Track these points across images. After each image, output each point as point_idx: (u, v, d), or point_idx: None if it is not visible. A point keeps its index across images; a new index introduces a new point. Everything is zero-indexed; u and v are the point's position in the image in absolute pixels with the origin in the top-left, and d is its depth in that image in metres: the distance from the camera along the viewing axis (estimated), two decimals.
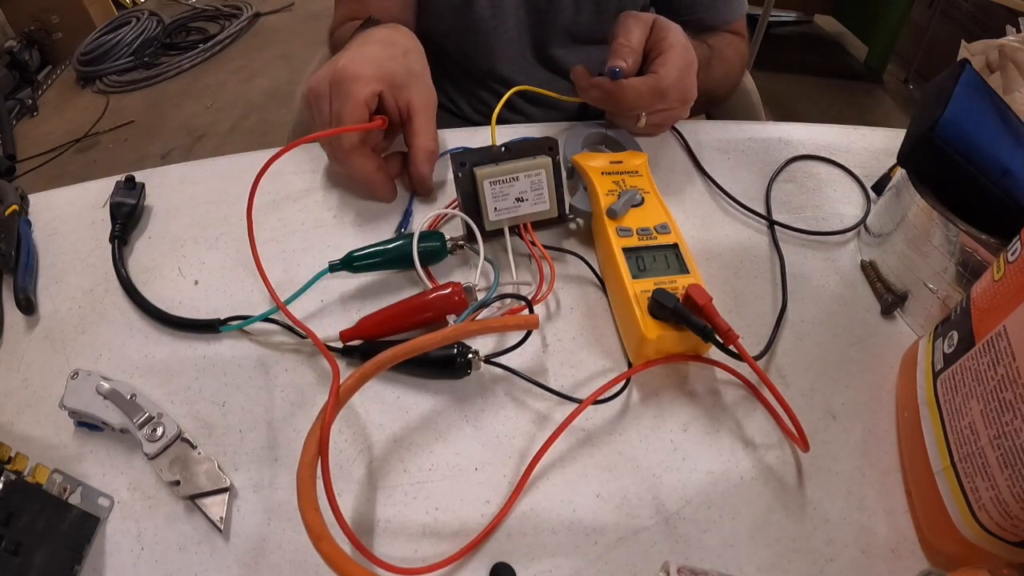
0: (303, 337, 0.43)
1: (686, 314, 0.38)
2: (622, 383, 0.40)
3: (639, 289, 0.41)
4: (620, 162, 0.50)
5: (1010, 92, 0.55)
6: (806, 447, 0.37)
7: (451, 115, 0.77)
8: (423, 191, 0.53)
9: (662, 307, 0.39)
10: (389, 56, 0.50)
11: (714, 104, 0.78)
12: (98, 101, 2.34)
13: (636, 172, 0.49)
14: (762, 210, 0.53)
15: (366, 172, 0.50)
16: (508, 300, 0.44)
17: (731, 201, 0.53)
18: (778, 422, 0.39)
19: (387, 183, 0.51)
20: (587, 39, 0.71)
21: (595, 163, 0.50)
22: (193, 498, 0.36)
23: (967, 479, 0.31)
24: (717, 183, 0.55)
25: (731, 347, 0.38)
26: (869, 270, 0.48)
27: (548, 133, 0.48)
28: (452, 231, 0.50)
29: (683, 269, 0.43)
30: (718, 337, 0.38)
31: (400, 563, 0.33)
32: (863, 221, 0.52)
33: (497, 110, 0.53)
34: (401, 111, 0.50)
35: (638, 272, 0.42)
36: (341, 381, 0.35)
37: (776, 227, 0.51)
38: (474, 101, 0.76)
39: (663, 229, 0.45)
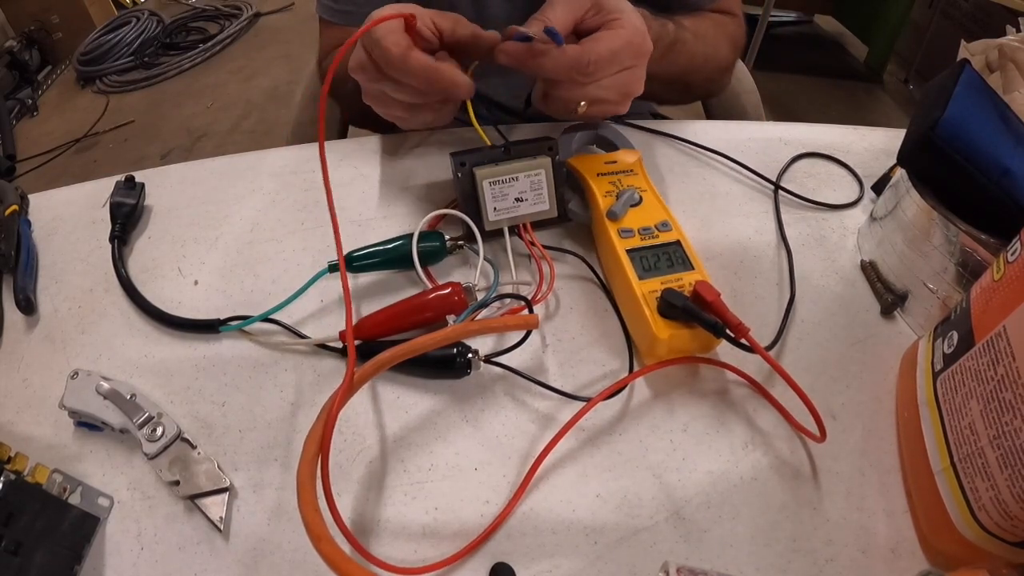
0: (303, 337, 0.43)
1: (696, 312, 0.38)
2: (629, 382, 0.40)
3: (647, 290, 0.41)
4: (614, 162, 0.50)
5: (1010, 92, 0.55)
6: (823, 436, 0.37)
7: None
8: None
9: (672, 306, 0.39)
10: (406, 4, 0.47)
11: (696, 91, 0.71)
12: (98, 101, 2.34)
13: (631, 171, 0.49)
14: (768, 210, 0.53)
15: (426, 66, 0.43)
16: (508, 300, 0.44)
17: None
18: (785, 417, 0.40)
19: (455, 71, 0.44)
20: None
21: (590, 165, 0.49)
22: (193, 498, 0.36)
23: (967, 479, 0.31)
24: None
25: (742, 340, 0.38)
26: (869, 270, 0.48)
27: (541, 134, 0.48)
28: (452, 231, 0.50)
29: (688, 265, 0.43)
30: (729, 332, 0.38)
31: (400, 563, 0.33)
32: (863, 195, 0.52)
33: (472, 111, 0.51)
34: (433, 33, 0.46)
35: (644, 272, 0.42)
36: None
37: (782, 219, 0.51)
38: (465, 116, 0.75)
39: (664, 227, 0.45)
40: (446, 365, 0.40)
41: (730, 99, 0.81)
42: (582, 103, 0.46)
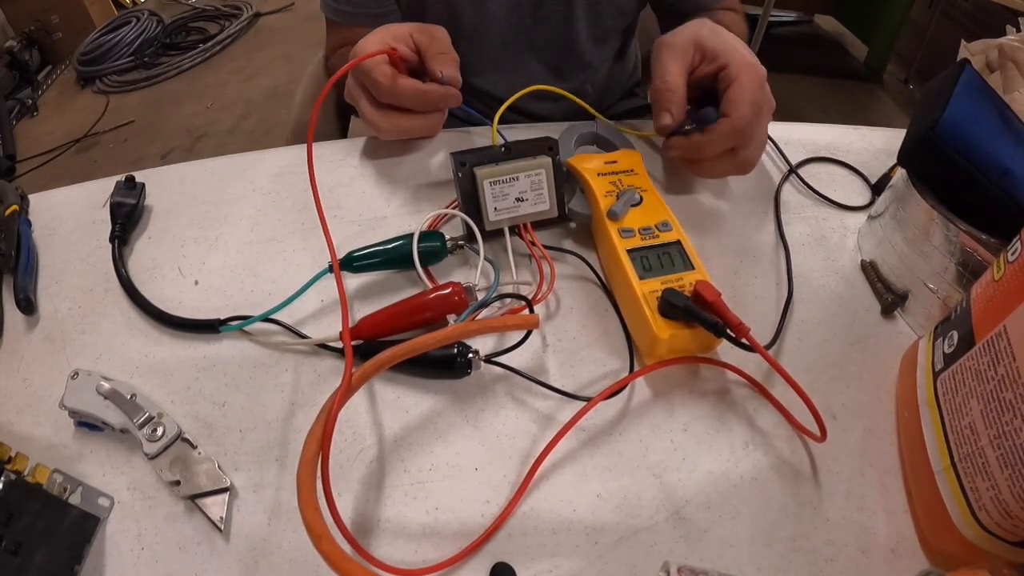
0: (303, 337, 0.43)
1: (697, 311, 0.38)
2: (630, 382, 0.40)
3: (647, 290, 0.41)
4: (615, 162, 0.50)
5: (1010, 92, 0.55)
6: (823, 436, 0.37)
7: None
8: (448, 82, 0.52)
9: (672, 306, 0.39)
10: (388, 29, 0.52)
11: None
12: (98, 101, 2.34)
13: (632, 171, 0.49)
14: (768, 211, 0.53)
15: (414, 88, 0.50)
16: (508, 300, 0.44)
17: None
18: (786, 416, 0.39)
19: (438, 89, 0.51)
20: (581, 46, 0.71)
21: (590, 165, 0.49)
22: (193, 498, 0.36)
23: (967, 479, 0.31)
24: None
25: (743, 340, 0.38)
26: (869, 270, 0.48)
27: (541, 134, 0.48)
28: (452, 231, 0.50)
29: (688, 265, 0.43)
30: (730, 332, 0.38)
31: (400, 563, 0.33)
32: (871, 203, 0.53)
33: (502, 109, 0.52)
34: (413, 50, 0.52)
35: (644, 272, 0.42)
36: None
37: (781, 219, 0.51)
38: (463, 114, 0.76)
39: (664, 227, 0.45)
40: (446, 365, 0.40)
41: None
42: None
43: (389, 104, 0.52)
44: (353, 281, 0.47)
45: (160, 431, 0.37)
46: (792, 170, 0.56)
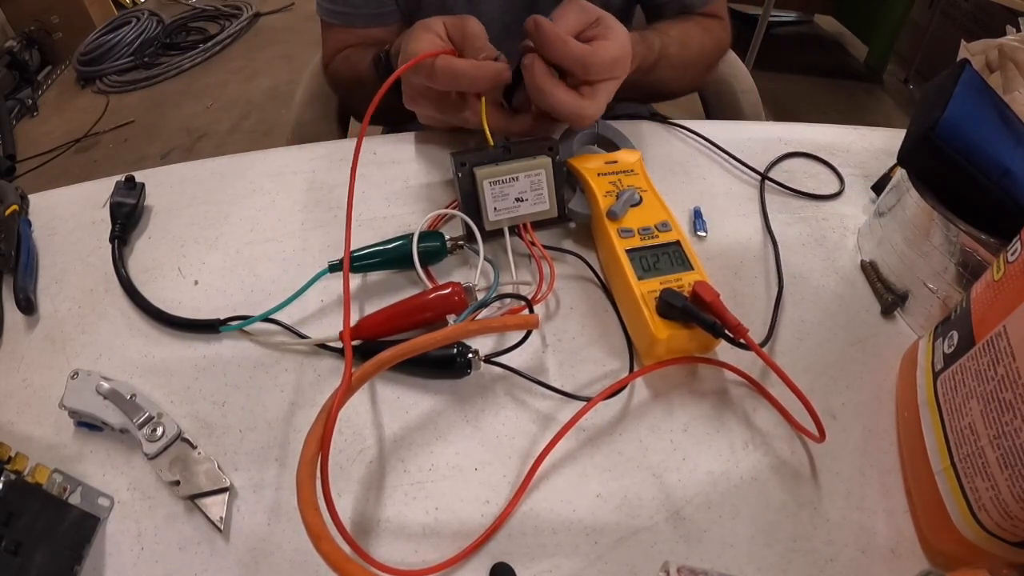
0: (303, 337, 0.43)
1: (695, 312, 0.38)
2: (629, 382, 0.40)
3: (646, 290, 0.41)
4: (615, 162, 0.50)
5: (1010, 92, 0.55)
6: (822, 437, 0.37)
7: None
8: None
9: (671, 307, 0.39)
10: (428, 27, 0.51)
11: (676, 95, 0.74)
12: (98, 101, 2.34)
13: (631, 171, 0.49)
14: (759, 210, 0.53)
15: (472, 66, 0.48)
16: (508, 300, 0.44)
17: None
18: (785, 416, 0.40)
19: (495, 64, 0.48)
20: None
21: (590, 165, 0.50)
22: (193, 498, 0.36)
23: (967, 479, 0.31)
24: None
25: (741, 340, 0.38)
26: (869, 270, 0.48)
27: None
28: (452, 231, 0.50)
29: (687, 266, 0.43)
30: (728, 332, 0.38)
31: (400, 564, 0.33)
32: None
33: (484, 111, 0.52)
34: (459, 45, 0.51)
35: (643, 273, 0.42)
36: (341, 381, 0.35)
37: (768, 215, 0.51)
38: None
39: (664, 227, 0.45)
40: (446, 365, 0.40)
41: (729, 99, 0.81)
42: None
43: (440, 95, 0.50)
44: (353, 281, 0.47)
45: (160, 431, 0.37)
46: (764, 176, 0.56)
